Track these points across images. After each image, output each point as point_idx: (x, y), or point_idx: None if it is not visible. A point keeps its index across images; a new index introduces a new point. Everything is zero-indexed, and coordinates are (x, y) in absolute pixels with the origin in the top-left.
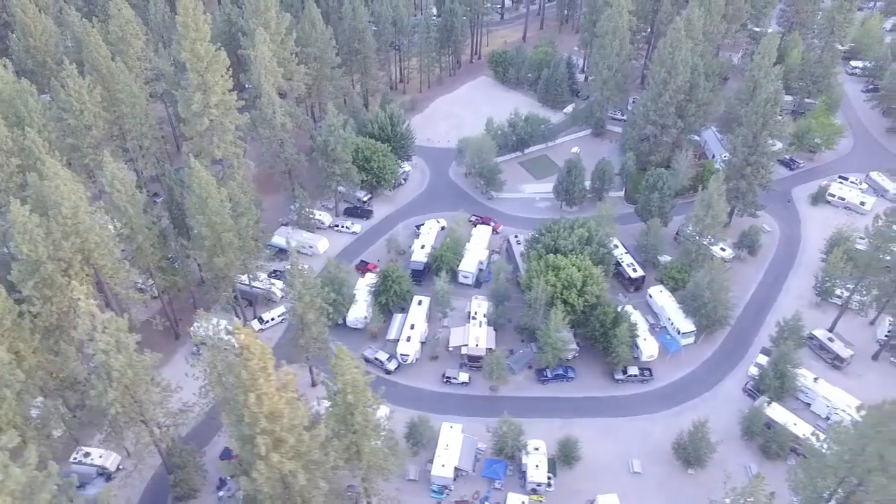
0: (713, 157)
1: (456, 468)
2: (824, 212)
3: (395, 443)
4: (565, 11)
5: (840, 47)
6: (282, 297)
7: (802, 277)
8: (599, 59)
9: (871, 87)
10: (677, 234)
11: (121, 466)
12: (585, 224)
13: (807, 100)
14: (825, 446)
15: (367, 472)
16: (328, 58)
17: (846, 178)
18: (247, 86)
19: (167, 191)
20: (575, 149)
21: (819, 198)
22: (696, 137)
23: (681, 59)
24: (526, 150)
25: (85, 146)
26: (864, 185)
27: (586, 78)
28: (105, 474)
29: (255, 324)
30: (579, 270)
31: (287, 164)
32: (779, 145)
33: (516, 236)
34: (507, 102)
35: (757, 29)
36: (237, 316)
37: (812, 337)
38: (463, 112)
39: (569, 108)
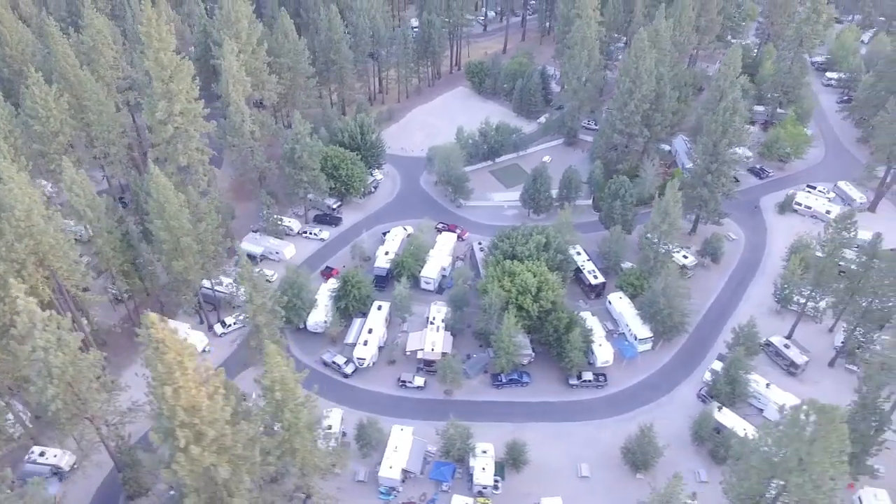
0: (682, 165)
1: (404, 470)
2: (791, 220)
3: (333, 442)
4: (546, 24)
5: (809, 58)
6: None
7: (764, 286)
8: (570, 69)
9: (845, 98)
10: None
11: (75, 465)
12: (544, 231)
13: (779, 110)
14: (751, 448)
15: (303, 469)
16: (301, 68)
17: (814, 188)
18: (220, 95)
19: (134, 197)
20: (546, 158)
21: (786, 206)
22: (667, 147)
23: (645, 69)
24: (497, 160)
25: (52, 152)
26: (832, 195)
27: (562, 88)
28: (59, 473)
29: (218, 328)
30: (535, 276)
31: (258, 172)
32: (748, 154)
33: (480, 243)
34: (483, 112)
35: (735, 41)
36: (201, 320)
37: (769, 344)
38: (439, 122)
39: (543, 118)
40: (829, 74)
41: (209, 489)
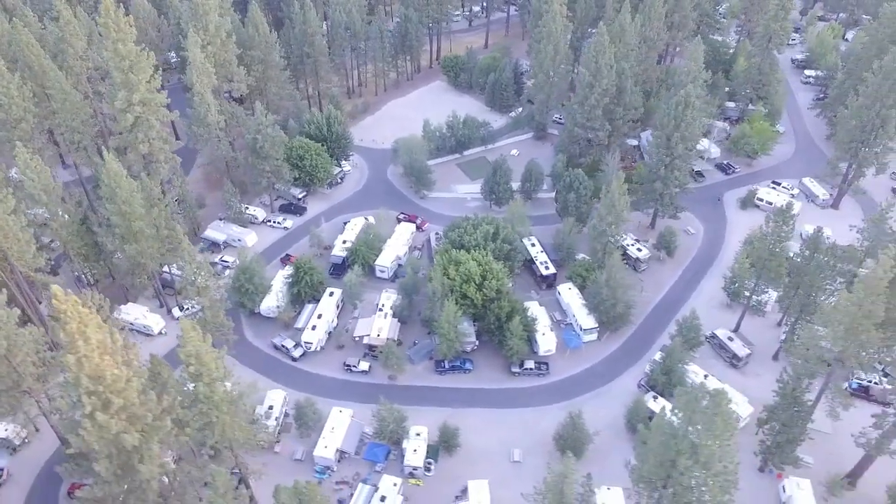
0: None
1: (338, 450)
2: (752, 216)
3: (273, 421)
4: (529, 19)
5: (778, 55)
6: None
7: (717, 280)
8: (537, 63)
9: (822, 96)
10: None
11: (26, 440)
12: (493, 222)
13: (750, 107)
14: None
15: (224, 442)
16: (272, 60)
17: (779, 184)
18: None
19: (95, 184)
20: (514, 151)
21: (748, 202)
22: (635, 141)
23: (604, 63)
24: (465, 153)
25: (14, 138)
26: (796, 191)
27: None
28: (10, 447)
29: (176, 311)
30: (479, 265)
31: (224, 162)
32: (714, 150)
33: (437, 234)
34: (457, 106)
35: (719, 38)
36: (161, 304)
37: (713, 336)
38: (413, 115)
39: (515, 112)
40: (807, 72)
41: (121, 456)
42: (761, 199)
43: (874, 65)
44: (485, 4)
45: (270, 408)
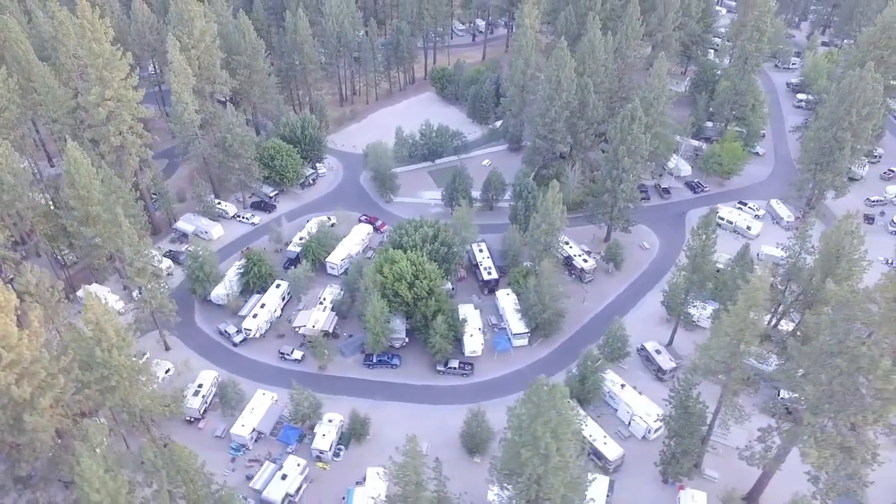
0: None
1: (254, 429)
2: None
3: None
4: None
5: (756, 77)
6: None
7: (660, 293)
8: (509, 76)
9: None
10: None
11: None
12: (434, 224)
13: (729, 127)
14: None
15: (125, 406)
16: (257, 65)
17: (745, 204)
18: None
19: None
20: (486, 161)
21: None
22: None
23: (565, 77)
24: (437, 161)
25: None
26: (762, 212)
27: None
28: None
29: (136, 294)
30: (413, 265)
31: (201, 158)
32: (685, 169)
33: None
34: (441, 116)
35: (717, 61)
36: (124, 287)
37: (642, 348)
38: (398, 123)
39: (497, 123)
40: (799, 96)
41: (11, 408)
42: (722, 219)
43: (833, 87)
44: (490, 19)
45: (200, 386)
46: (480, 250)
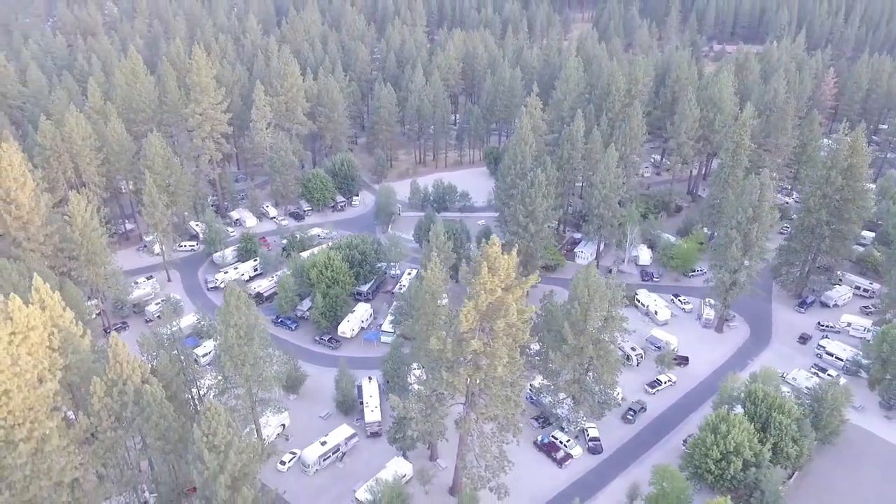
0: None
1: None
2: (630, 312)
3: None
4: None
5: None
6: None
7: None
8: (502, 169)
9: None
10: None
11: None
12: (368, 241)
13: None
14: None
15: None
16: (333, 116)
17: (677, 296)
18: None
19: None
20: (481, 221)
21: (629, 301)
22: (578, 235)
23: (528, 150)
24: (442, 213)
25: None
26: (690, 306)
27: None
28: None
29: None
30: (328, 258)
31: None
32: (645, 258)
33: None
34: (480, 185)
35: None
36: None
37: None
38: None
39: None
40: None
41: None
42: (639, 301)
43: (738, 188)
44: None
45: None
46: (409, 273)
